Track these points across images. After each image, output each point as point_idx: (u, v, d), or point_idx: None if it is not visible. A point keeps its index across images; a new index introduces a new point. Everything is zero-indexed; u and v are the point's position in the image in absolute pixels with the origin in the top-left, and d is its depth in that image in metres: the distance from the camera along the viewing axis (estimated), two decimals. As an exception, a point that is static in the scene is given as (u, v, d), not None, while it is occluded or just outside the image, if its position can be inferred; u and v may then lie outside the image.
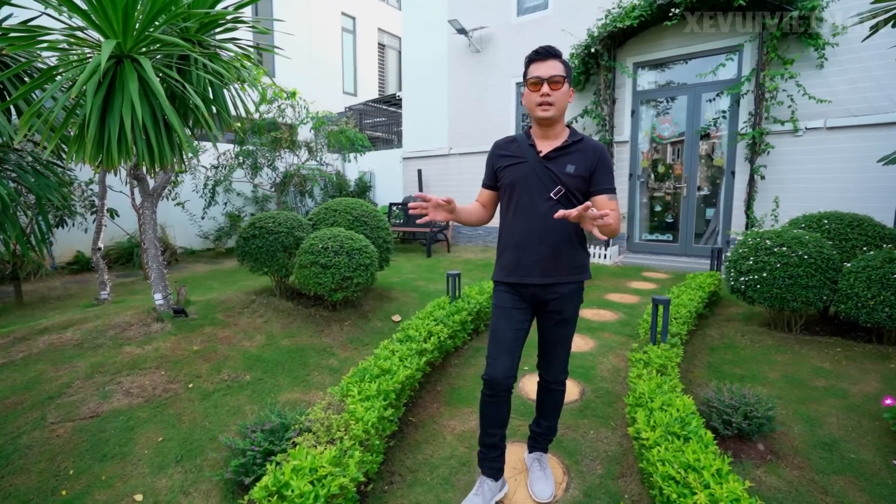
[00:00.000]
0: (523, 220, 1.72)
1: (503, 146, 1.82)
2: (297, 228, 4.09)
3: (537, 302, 1.80)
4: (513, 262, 1.77)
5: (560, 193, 1.69)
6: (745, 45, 6.07)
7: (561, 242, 1.72)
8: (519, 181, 1.72)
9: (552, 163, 1.70)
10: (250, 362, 3.03)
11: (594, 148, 1.74)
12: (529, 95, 1.69)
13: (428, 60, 9.30)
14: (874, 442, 2.32)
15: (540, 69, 1.64)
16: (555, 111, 1.67)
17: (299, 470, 1.60)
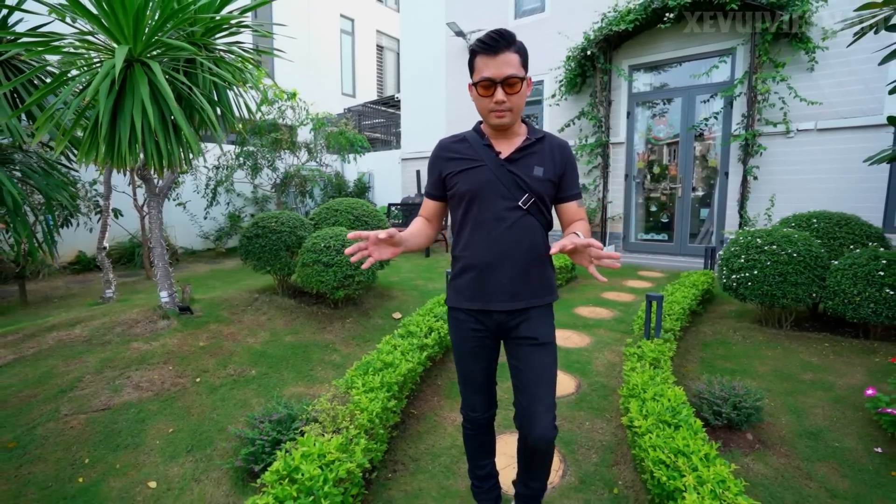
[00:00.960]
0: (485, 235, 1.43)
1: (451, 147, 1.50)
2: (300, 228, 4.17)
3: (503, 329, 1.51)
4: (474, 286, 1.47)
5: (529, 202, 1.42)
6: (738, 48, 6.19)
7: (531, 260, 1.46)
8: (478, 189, 1.41)
9: (515, 165, 1.42)
10: (255, 358, 3.11)
11: (560, 146, 1.49)
12: (480, 100, 1.38)
13: (426, 62, 9.40)
14: (857, 431, 2.41)
15: (490, 67, 1.32)
16: (512, 117, 1.39)
17: (308, 456, 1.68)
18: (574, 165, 1.51)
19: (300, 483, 1.55)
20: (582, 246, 1.21)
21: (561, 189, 1.49)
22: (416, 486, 2.03)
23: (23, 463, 2.01)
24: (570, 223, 1.51)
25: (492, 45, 1.31)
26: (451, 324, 1.60)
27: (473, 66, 1.38)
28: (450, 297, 1.58)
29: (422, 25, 9.40)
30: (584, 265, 1.26)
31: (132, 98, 2.52)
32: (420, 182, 9.67)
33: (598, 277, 1.26)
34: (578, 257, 1.27)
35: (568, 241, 1.19)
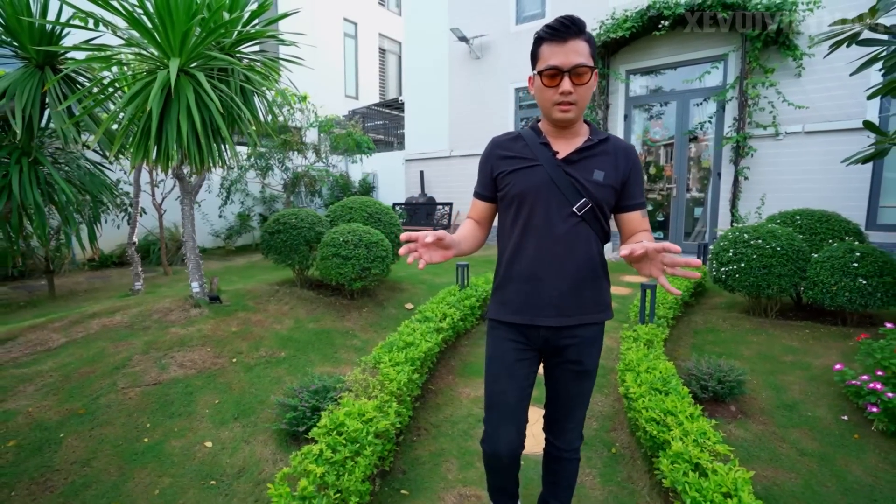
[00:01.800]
0: (536, 242, 1.32)
1: (505, 144, 1.39)
2: (318, 224, 4.45)
3: (549, 348, 1.40)
4: (521, 298, 1.36)
5: (586, 208, 1.30)
6: (730, 54, 6.50)
7: (584, 273, 1.33)
8: (531, 191, 1.31)
9: (574, 167, 1.30)
10: (283, 342, 3.39)
11: (625, 150, 1.36)
12: (543, 91, 1.27)
13: (429, 66, 9.68)
14: (828, 403, 2.71)
15: (557, 55, 1.21)
16: (577, 111, 1.27)
17: (351, 414, 1.96)
18: (640, 171, 1.38)
19: (346, 434, 1.83)
20: (654, 251, 1.08)
21: (624, 197, 1.35)
22: (439, 446, 2.31)
23: (94, 426, 2.29)
24: (631, 234, 1.37)
25: (561, 30, 1.21)
26: (490, 339, 1.45)
27: (538, 54, 1.28)
28: (492, 309, 1.44)
29: (425, 31, 9.69)
30: (654, 275, 1.11)
31: (177, 105, 2.80)
32: (423, 183, 9.96)
33: (672, 291, 1.11)
34: (648, 266, 1.12)
35: (639, 245, 1.07)
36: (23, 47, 3.03)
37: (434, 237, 1.14)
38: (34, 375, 2.64)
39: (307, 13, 12.61)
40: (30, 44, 3.00)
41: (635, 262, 1.12)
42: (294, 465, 1.67)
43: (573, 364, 1.40)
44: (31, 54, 3.02)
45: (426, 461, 2.21)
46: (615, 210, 1.38)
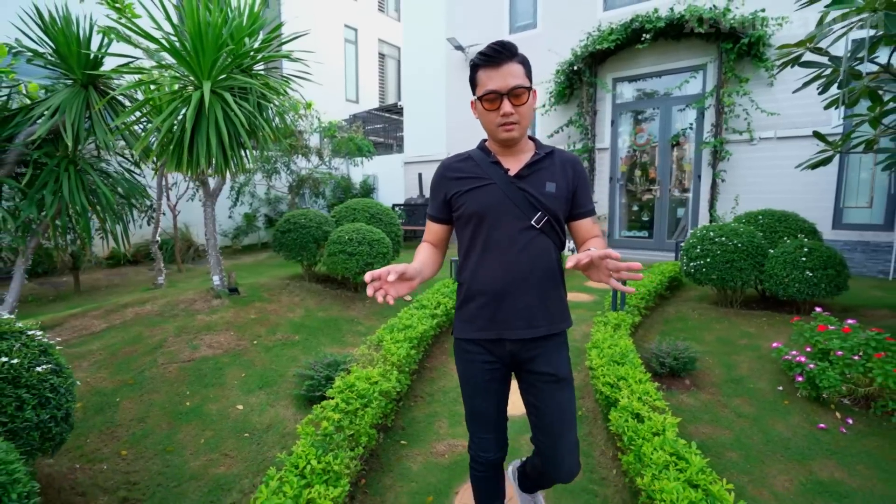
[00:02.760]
0: (497, 257, 1.35)
1: (455, 166, 1.42)
2: (325, 224, 4.88)
3: (516, 362, 1.44)
4: (486, 314, 1.38)
5: (543, 220, 1.35)
6: (708, 64, 6.94)
7: (547, 283, 1.38)
8: (488, 209, 1.35)
9: (526, 182, 1.36)
10: (296, 328, 3.83)
11: (570, 161, 1.43)
12: (485, 115, 1.33)
13: (427, 73, 10.12)
14: (769, 377, 3.15)
15: (494, 79, 1.28)
16: (521, 130, 1.33)
17: (359, 377, 2.40)
18: (587, 180, 1.45)
19: (356, 392, 2.26)
20: (598, 258, 1.14)
21: (574, 205, 1.41)
22: (432, 410, 2.75)
23: (143, 393, 2.72)
24: (584, 240, 1.42)
25: (494, 56, 1.27)
26: (458, 357, 1.49)
27: (475, 81, 1.34)
28: (457, 328, 1.46)
29: (423, 40, 10.13)
30: (604, 280, 1.18)
31: (206, 120, 3.23)
32: (422, 184, 10.39)
33: (626, 290, 1.19)
34: (595, 273, 1.19)
35: (583, 255, 1.13)
36: (70, 70, 3.46)
37: (396, 274, 1.16)
38: (85, 354, 3.08)
39: (309, 20, 13.05)
40: (77, 67, 3.43)
41: (584, 270, 1.18)
42: (316, 413, 2.11)
43: (548, 376, 1.40)
44: (77, 76, 3.45)
45: (422, 420, 2.65)
46: (567, 218, 1.43)
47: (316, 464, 1.72)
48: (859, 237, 6.12)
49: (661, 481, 1.65)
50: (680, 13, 6.41)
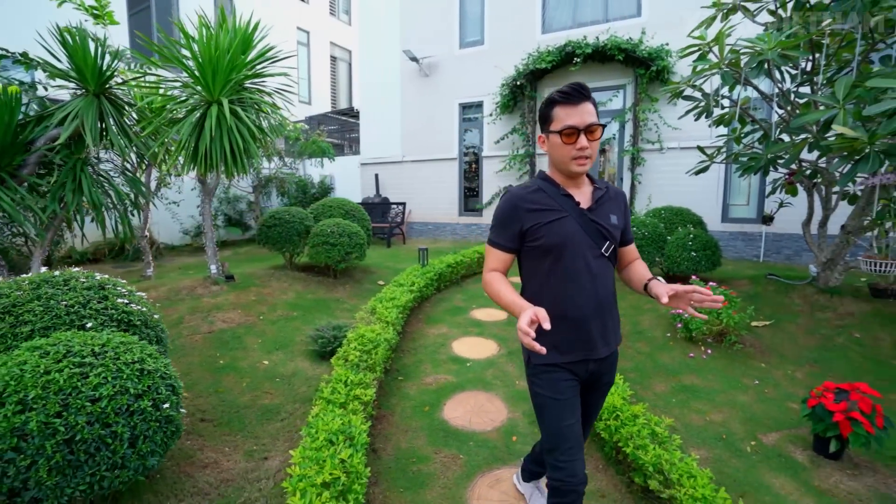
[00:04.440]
0: (579, 285, 1.45)
1: (529, 198, 1.48)
2: (306, 219, 5.54)
3: (593, 377, 1.54)
4: (570, 338, 1.47)
5: (610, 249, 1.50)
6: (627, 85, 8.26)
7: (614, 304, 1.54)
8: (568, 241, 1.44)
9: (596, 215, 1.48)
10: (292, 306, 4.51)
11: (622, 195, 1.60)
12: (561, 148, 1.41)
13: (383, 81, 10.84)
14: (662, 328, 4.26)
15: (573, 116, 1.38)
16: (590, 164, 1.43)
17: (367, 330, 3.18)
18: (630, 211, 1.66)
19: (366, 339, 3.05)
20: (685, 293, 1.31)
21: (624, 234, 1.58)
22: (418, 358, 3.59)
23: (180, 356, 3.34)
24: (629, 262, 1.62)
25: (573, 95, 1.38)
26: (539, 382, 1.52)
27: (551, 116, 1.43)
28: (542, 356, 1.43)
29: (379, 50, 10.84)
30: (682, 308, 1.36)
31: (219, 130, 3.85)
32: (379, 185, 11.09)
33: (700, 316, 1.38)
34: (675, 301, 1.38)
35: (669, 289, 1.35)
36: (84, 80, 3.92)
37: (547, 321, 1.20)
38: (116, 328, 3.60)
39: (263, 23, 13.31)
40: (91, 79, 3.90)
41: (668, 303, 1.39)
42: (340, 353, 2.88)
43: (606, 385, 1.60)
44: (91, 86, 3.93)
45: (411, 365, 3.48)
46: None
47: (353, 377, 2.51)
48: (740, 229, 7.65)
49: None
50: (604, 42, 7.64)
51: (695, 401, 3.05)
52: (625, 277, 1.63)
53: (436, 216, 10.61)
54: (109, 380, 1.68)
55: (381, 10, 10.76)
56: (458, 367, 3.45)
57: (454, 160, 10.18)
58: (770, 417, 2.84)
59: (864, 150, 3.06)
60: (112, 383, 1.68)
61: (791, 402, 3.00)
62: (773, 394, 3.13)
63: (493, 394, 3.07)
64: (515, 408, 2.90)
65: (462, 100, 9.88)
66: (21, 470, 1.48)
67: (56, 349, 1.70)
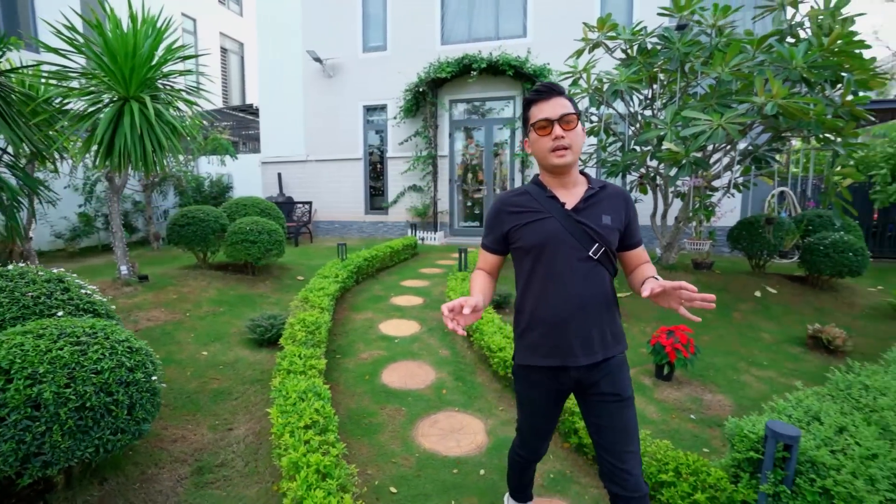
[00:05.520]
0: (559, 287, 1.42)
1: (512, 201, 1.51)
2: (221, 218, 5.54)
3: (581, 386, 1.50)
4: (549, 342, 1.45)
5: (600, 251, 1.43)
6: (516, 97, 9.35)
7: (604, 310, 1.46)
8: (547, 241, 1.42)
9: (582, 215, 1.44)
10: (217, 303, 4.58)
11: (622, 195, 1.52)
12: (538, 141, 1.43)
13: (286, 79, 10.74)
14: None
15: (545, 109, 1.40)
16: (572, 156, 1.41)
17: (306, 315, 3.53)
18: (636, 212, 1.52)
19: (305, 323, 3.40)
20: (672, 289, 1.25)
21: (627, 236, 1.50)
22: (350, 339, 4.00)
23: (113, 352, 3.35)
24: (636, 266, 1.54)
25: (544, 91, 1.42)
26: (521, 383, 1.57)
27: (527, 116, 1.46)
28: (520, 355, 1.52)
29: (279, 47, 10.71)
30: (674, 307, 1.28)
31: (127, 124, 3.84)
32: (282, 184, 10.96)
33: (692, 318, 1.26)
34: (666, 299, 1.30)
35: (657, 285, 1.25)
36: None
37: (470, 308, 1.27)
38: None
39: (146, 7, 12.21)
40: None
41: (655, 298, 1.29)
42: (286, 335, 3.21)
43: (612, 396, 1.45)
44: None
45: (346, 345, 3.88)
46: (620, 248, 1.50)
47: (305, 351, 2.89)
48: (609, 222, 9.16)
49: (494, 338, 3.28)
50: (497, 57, 8.59)
51: (576, 353, 3.92)
52: (631, 283, 1.53)
53: (342, 215, 10.82)
54: (107, 355, 1.90)
55: (279, 7, 10.63)
56: (387, 344, 3.95)
57: (359, 160, 10.50)
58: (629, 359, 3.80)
59: (682, 161, 4.19)
60: (110, 358, 1.90)
61: (642, 349, 4.01)
62: (631, 344, 4.13)
63: (422, 361, 3.63)
64: (441, 370, 3.49)
65: (366, 102, 10.24)
66: (37, 436, 1.68)
67: (49, 331, 1.87)
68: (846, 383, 2.20)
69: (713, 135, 3.87)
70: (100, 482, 2.10)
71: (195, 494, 2.13)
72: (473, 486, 2.24)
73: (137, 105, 3.71)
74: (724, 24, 4.61)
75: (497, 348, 3.24)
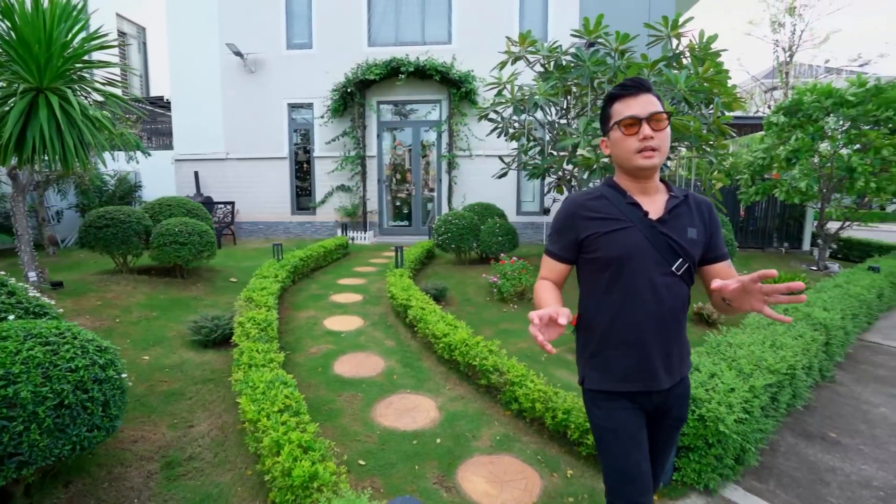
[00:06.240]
0: (639, 304, 1.29)
1: (589, 205, 1.36)
2: (143, 219, 5.26)
3: (658, 410, 1.37)
4: (630, 364, 1.32)
5: (684, 267, 1.30)
6: (443, 101, 9.76)
7: (682, 330, 1.36)
8: (631, 254, 1.29)
9: (668, 227, 1.30)
10: (148, 307, 4.41)
11: (706, 204, 1.39)
12: (622, 141, 1.29)
13: (200, 72, 10.16)
14: (484, 295, 5.62)
15: (633, 106, 1.27)
16: (660, 158, 1.28)
17: (254, 314, 3.59)
18: (719, 224, 1.40)
19: (255, 321, 3.48)
20: (750, 282, 1.08)
21: (712, 249, 1.36)
22: (296, 336, 4.11)
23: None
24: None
25: (632, 87, 1.30)
26: (596, 410, 1.38)
27: (610, 113, 1.34)
28: (594, 379, 1.38)
29: (193, 37, 10.11)
30: (756, 308, 1.11)
31: (52, 119, 3.62)
32: (199, 183, 10.36)
33: (783, 319, 1.08)
34: (748, 301, 1.12)
35: (732, 281, 1.11)
36: None
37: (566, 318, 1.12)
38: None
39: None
40: None
41: (733, 301, 1.15)
42: (238, 333, 3.27)
43: (676, 421, 1.39)
44: None
45: (294, 342, 3.98)
46: (701, 263, 1.37)
47: (262, 346, 3.01)
48: (530, 220, 9.93)
49: (438, 326, 3.61)
50: (424, 62, 8.92)
51: (510, 338, 4.37)
52: (716, 301, 1.29)
53: (267, 215, 10.52)
54: (80, 354, 1.93)
55: (193, -4, 10.04)
56: (334, 339, 4.11)
57: (285, 159, 10.28)
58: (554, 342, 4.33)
59: (594, 166, 4.84)
60: (83, 357, 1.93)
61: (567, 331, 4.58)
62: (553, 327, 4.69)
63: (370, 352, 3.86)
64: (390, 359, 3.75)
65: (292, 100, 10.05)
66: (14, 436, 1.69)
67: (14, 333, 1.86)
68: (717, 343, 2.86)
69: (617, 144, 4.54)
70: (64, 485, 2.10)
71: (169, 486, 2.20)
72: (432, 452, 2.55)
73: (57, 98, 3.50)
74: (625, 49, 5.36)
75: (441, 334, 3.57)
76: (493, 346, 3.35)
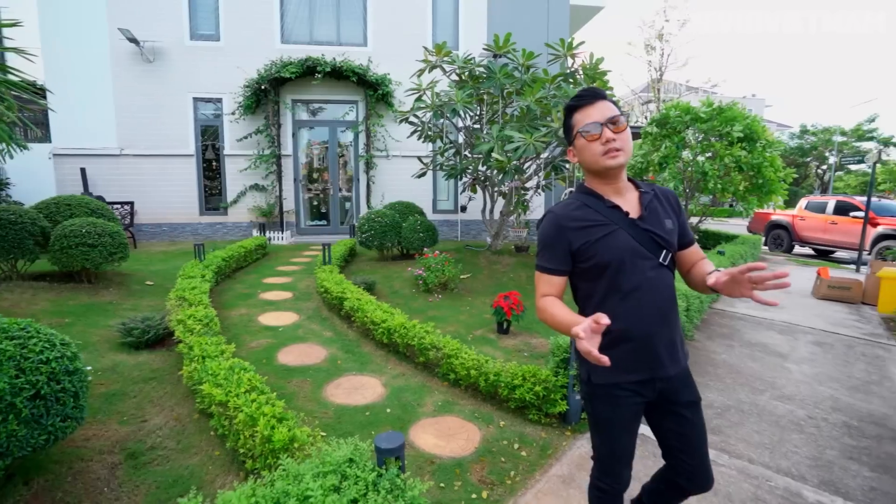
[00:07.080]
0: (639, 300, 1.37)
1: (573, 216, 1.42)
2: (39, 220, 4.83)
3: (663, 396, 1.45)
4: (634, 357, 1.39)
5: (668, 257, 1.41)
6: (359, 102, 9.94)
7: (676, 315, 1.45)
8: (623, 255, 1.36)
9: (648, 223, 1.40)
10: (58, 314, 4.13)
11: (671, 194, 1.50)
12: (588, 147, 1.37)
13: (85, 57, 9.20)
14: (409, 286, 6.01)
15: (592, 114, 1.36)
16: (625, 156, 1.36)
17: (192, 311, 3.62)
18: (684, 210, 1.50)
19: (200, 316, 3.53)
20: (739, 273, 1.18)
21: (682, 235, 1.47)
22: (235, 332, 4.16)
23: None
24: (693, 264, 1.50)
25: (588, 96, 1.39)
26: (600, 401, 1.48)
27: (572, 124, 1.42)
28: (601, 373, 1.43)
29: (74, 20, 9.11)
30: (746, 295, 1.20)
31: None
32: (87, 181, 9.37)
33: (771, 303, 1.18)
34: (737, 288, 1.23)
35: (723, 273, 1.22)
36: None
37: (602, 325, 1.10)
38: None
39: None
40: None
41: (723, 290, 1.26)
42: (180, 330, 3.31)
43: (691, 403, 1.46)
44: None
45: (232, 338, 4.03)
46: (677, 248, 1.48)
47: (210, 339, 3.11)
48: (444, 217, 10.51)
49: (376, 313, 3.94)
50: (340, 63, 9.04)
51: (439, 323, 4.81)
52: (690, 281, 1.48)
53: (171, 216, 9.85)
54: (48, 347, 1.99)
55: (73, -26, 9.04)
56: (272, 333, 4.24)
57: (191, 157, 9.72)
58: (477, 324, 4.87)
59: (506, 168, 5.48)
60: (51, 349, 1.99)
61: (486, 315, 5.14)
62: (477, 312, 5.23)
63: (311, 343, 4.06)
64: (331, 347, 3.99)
65: (197, 94, 9.53)
66: (-8, 427, 1.74)
67: (-23, 332, 1.87)
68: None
69: (527, 149, 5.21)
70: (24, 483, 2.11)
71: (137, 474, 2.30)
72: (385, 420, 2.90)
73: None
74: (530, 64, 6.08)
75: (380, 321, 3.91)
76: (429, 328, 3.77)
